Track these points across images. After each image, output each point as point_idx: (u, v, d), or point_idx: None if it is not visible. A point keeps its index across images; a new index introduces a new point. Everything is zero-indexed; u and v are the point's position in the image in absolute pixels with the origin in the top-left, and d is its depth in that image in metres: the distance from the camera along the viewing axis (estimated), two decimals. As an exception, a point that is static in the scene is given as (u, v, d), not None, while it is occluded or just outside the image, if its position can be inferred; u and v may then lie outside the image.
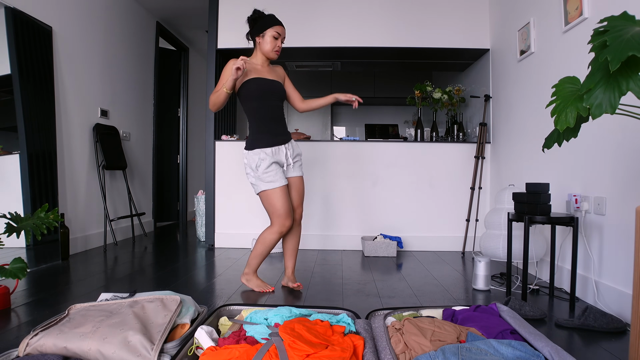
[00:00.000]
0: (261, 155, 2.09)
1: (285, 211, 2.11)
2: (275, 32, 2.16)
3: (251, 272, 2.23)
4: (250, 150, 2.12)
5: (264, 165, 2.08)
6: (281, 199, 2.10)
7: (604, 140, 1.95)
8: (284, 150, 2.17)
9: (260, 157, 2.09)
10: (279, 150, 2.15)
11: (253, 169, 2.10)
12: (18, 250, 2.60)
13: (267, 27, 2.15)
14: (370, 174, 3.49)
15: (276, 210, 2.10)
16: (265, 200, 2.13)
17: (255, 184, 2.12)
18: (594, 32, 1.10)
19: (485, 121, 3.38)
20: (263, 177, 2.09)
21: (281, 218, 2.11)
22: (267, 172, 2.09)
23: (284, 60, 4.01)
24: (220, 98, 2.05)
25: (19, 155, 2.66)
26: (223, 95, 2.04)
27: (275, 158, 2.13)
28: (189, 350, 1.26)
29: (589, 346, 1.51)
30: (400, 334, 1.30)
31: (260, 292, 2.20)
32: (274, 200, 2.10)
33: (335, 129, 6.53)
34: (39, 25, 2.83)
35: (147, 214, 4.45)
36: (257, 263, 2.22)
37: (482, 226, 3.33)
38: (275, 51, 2.18)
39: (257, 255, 2.19)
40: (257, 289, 2.21)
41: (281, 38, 2.18)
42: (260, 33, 2.17)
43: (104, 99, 3.64)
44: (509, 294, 2.10)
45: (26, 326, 1.67)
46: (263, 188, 2.10)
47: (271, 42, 2.16)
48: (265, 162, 2.09)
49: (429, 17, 3.49)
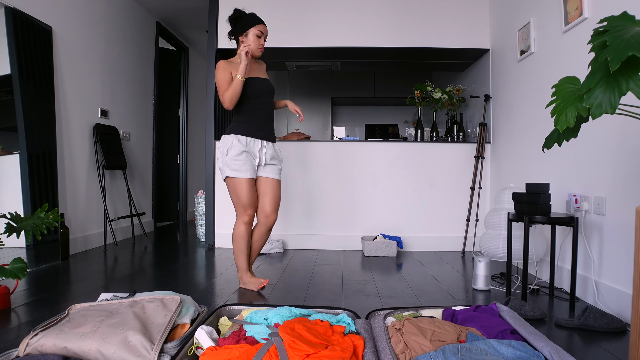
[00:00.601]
0: (234, 141, 2.12)
1: (248, 202, 2.14)
2: (258, 30, 2.19)
3: (243, 272, 2.24)
4: (226, 135, 2.15)
5: (234, 152, 2.10)
6: (245, 191, 2.12)
7: (604, 140, 1.95)
8: (259, 144, 2.19)
9: (232, 143, 2.11)
10: (254, 142, 2.17)
11: (223, 153, 2.13)
12: (18, 250, 2.60)
13: (249, 26, 2.18)
14: (370, 174, 3.49)
15: (239, 199, 2.14)
16: (230, 187, 2.15)
17: (222, 169, 2.15)
18: (594, 32, 1.10)
19: (485, 121, 3.38)
20: (230, 163, 2.11)
21: (243, 208, 2.14)
22: (235, 160, 2.10)
23: (283, 60, 4.01)
24: (237, 89, 2.06)
25: (19, 155, 2.66)
26: (239, 85, 2.06)
27: (249, 149, 2.15)
28: (189, 350, 1.26)
29: (589, 346, 1.51)
30: (400, 334, 1.30)
31: (260, 288, 2.21)
32: (237, 190, 2.13)
33: (335, 129, 6.53)
34: (39, 25, 2.83)
35: (147, 214, 4.45)
36: (242, 262, 2.22)
37: (482, 226, 3.33)
38: (260, 49, 2.21)
39: (236, 255, 2.22)
40: (255, 289, 2.21)
41: (264, 36, 2.22)
42: (244, 32, 2.20)
43: (104, 99, 3.64)
44: (509, 294, 2.10)
45: (26, 326, 1.67)
46: (228, 174, 2.13)
47: (255, 40, 2.19)
48: (235, 148, 2.11)
49: (429, 17, 3.49)
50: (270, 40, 3.53)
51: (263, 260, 3.02)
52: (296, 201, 3.50)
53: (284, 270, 2.70)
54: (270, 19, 3.53)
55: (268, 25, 3.52)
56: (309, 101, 6.10)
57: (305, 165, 3.50)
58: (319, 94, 6.08)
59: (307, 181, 3.50)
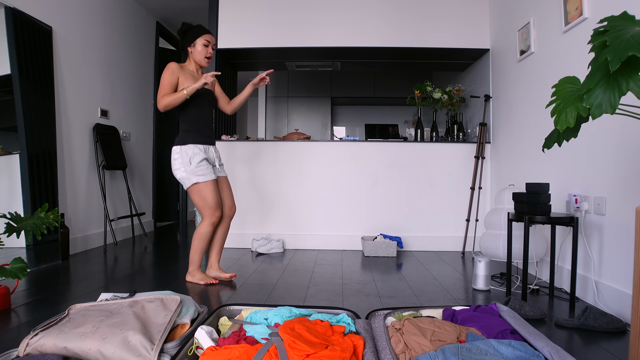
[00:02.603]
0: (195, 150, 2.26)
1: (215, 203, 2.29)
2: (205, 40, 2.35)
3: (195, 269, 2.37)
4: (183, 145, 2.26)
5: (197, 159, 2.25)
6: (212, 192, 2.28)
7: (604, 140, 1.95)
8: (211, 150, 2.38)
9: (193, 152, 2.26)
10: (208, 148, 2.36)
11: (185, 164, 2.25)
12: (18, 250, 2.60)
13: (197, 37, 2.34)
14: (370, 174, 3.49)
15: (207, 202, 2.27)
16: (196, 193, 2.27)
17: (187, 178, 2.25)
18: (594, 32, 1.10)
19: (485, 121, 3.38)
20: (196, 170, 2.25)
21: (212, 209, 2.28)
22: (200, 166, 2.26)
23: (283, 60, 4.01)
24: (178, 101, 2.20)
25: (19, 155, 2.66)
26: (181, 100, 2.20)
27: (207, 155, 2.32)
28: (189, 350, 1.26)
29: (589, 346, 1.51)
30: (400, 334, 1.30)
31: (206, 283, 2.33)
32: (205, 193, 2.26)
33: (335, 129, 6.53)
34: (39, 25, 2.83)
35: (147, 214, 4.45)
36: (199, 259, 2.36)
37: (482, 226, 3.33)
38: (207, 58, 2.37)
39: (197, 251, 2.34)
40: (201, 282, 2.33)
41: (211, 45, 2.37)
42: (192, 43, 2.35)
43: (104, 99, 3.64)
44: (509, 294, 2.10)
45: (26, 326, 1.67)
46: (195, 181, 2.25)
47: (202, 50, 2.35)
48: (198, 156, 2.26)
49: (429, 17, 3.49)
50: (271, 40, 3.53)
51: (263, 260, 3.02)
52: (296, 201, 3.50)
53: (284, 270, 2.70)
54: (270, 19, 3.54)
55: (268, 25, 3.53)
56: (309, 101, 6.10)
57: (305, 165, 3.50)
58: (319, 94, 6.08)
59: (307, 181, 3.50)
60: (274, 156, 3.51)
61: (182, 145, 2.26)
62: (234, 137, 3.58)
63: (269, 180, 3.51)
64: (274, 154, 3.51)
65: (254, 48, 3.55)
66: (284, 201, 3.50)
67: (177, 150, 2.26)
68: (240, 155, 3.51)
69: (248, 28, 3.53)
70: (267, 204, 3.51)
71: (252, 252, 3.30)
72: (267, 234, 3.48)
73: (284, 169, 3.50)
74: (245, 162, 3.52)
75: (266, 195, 3.51)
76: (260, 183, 3.51)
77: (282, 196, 3.51)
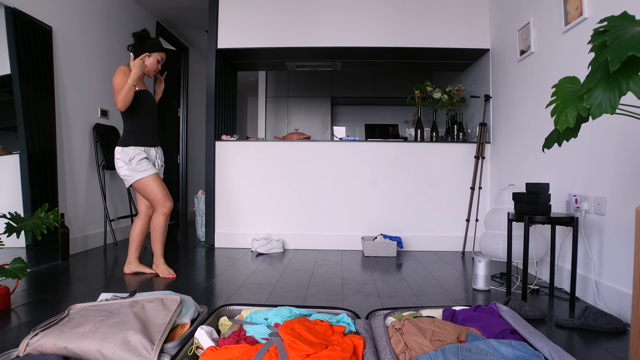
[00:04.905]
0: (136, 150, 2.43)
1: (162, 194, 2.46)
2: (160, 56, 2.53)
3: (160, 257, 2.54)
4: (125, 147, 2.42)
5: (137, 158, 2.41)
6: (157, 185, 2.45)
7: (604, 140, 1.95)
8: (153, 151, 2.56)
9: (135, 152, 2.42)
10: (150, 150, 2.53)
11: (127, 162, 2.41)
12: (18, 250, 2.60)
13: (155, 50, 2.51)
14: (370, 174, 3.49)
15: (156, 194, 2.44)
16: (142, 188, 2.44)
17: (130, 175, 2.41)
18: (594, 32, 1.10)
19: (485, 121, 3.38)
20: (137, 167, 2.41)
21: (162, 200, 2.45)
22: (140, 163, 2.42)
23: (284, 60, 4.01)
24: (130, 93, 2.32)
25: (19, 155, 2.66)
26: (131, 89, 2.32)
27: (147, 155, 2.49)
28: (189, 350, 1.26)
29: (589, 346, 1.51)
30: (400, 334, 1.30)
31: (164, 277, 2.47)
32: (151, 187, 2.43)
33: (335, 129, 6.53)
34: (39, 25, 2.83)
35: (147, 214, 4.44)
36: (158, 249, 2.54)
37: (482, 226, 3.33)
38: (155, 72, 2.54)
39: (161, 241, 2.54)
40: (162, 275, 2.49)
41: (161, 62, 2.56)
42: (150, 53, 2.49)
43: (104, 99, 3.64)
44: (509, 294, 2.10)
45: (26, 326, 1.67)
46: (138, 177, 2.41)
47: (155, 63, 2.52)
48: (138, 156, 2.42)
49: (428, 17, 3.49)
50: (271, 40, 3.53)
51: (263, 260, 3.02)
52: (296, 201, 3.50)
53: (284, 270, 2.70)
54: (270, 19, 3.54)
55: (268, 25, 3.54)
56: (309, 101, 6.10)
57: (305, 165, 3.50)
58: (319, 94, 6.08)
59: (307, 181, 3.50)
60: (274, 156, 3.51)
61: (123, 146, 2.42)
62: (234, 137, 3.58)
63: (269, 180, 3.51)
64: (274, 154, 3.51)
65: (254, 48, 3.55)
66: (284, 201, 3.50)
67: (119, 150, 2.42)
68: (240, 155, 3.51)
69: (248, 28, 3.54)
70: (267, 204, 3.51)
71: (252, 252, 3.30)
72: (267, 234, 3.48)
73: (284, 169, 3.50)
74: (245, 162, 3.52)
75: (266, 195, 3.51)
76: (260, 183, 3.51)
77: (282, 196, 3.51)
